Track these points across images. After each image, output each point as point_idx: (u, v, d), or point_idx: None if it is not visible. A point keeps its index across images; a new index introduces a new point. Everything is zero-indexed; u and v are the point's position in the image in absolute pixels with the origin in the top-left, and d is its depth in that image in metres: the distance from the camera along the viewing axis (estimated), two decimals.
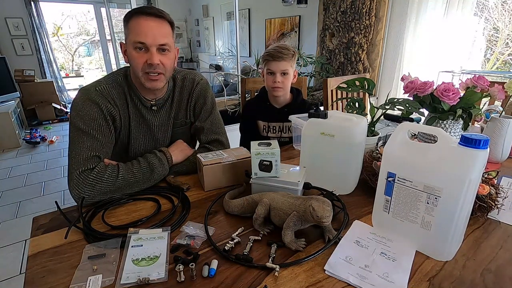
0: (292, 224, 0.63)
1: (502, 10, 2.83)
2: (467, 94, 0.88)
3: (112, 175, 0.82)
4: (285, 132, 1.40)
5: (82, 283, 0.54)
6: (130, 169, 0.85)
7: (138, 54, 0.87)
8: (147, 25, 0.85)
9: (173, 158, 0.95)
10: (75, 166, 0.81)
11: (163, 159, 0.92)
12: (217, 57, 6.01)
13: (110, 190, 0.81)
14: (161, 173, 0.90)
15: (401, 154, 0.61)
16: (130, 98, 0.96)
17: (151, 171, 0.88)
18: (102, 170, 0.82)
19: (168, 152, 0.95)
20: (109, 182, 0.81)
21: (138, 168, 0.86)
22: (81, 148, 0.84)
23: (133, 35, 0.85)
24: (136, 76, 0.91)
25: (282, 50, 1.25)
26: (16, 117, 3.74)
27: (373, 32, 3.00)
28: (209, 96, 1.09)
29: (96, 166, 0.82)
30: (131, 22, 0.86)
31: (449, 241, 0.58)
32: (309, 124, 0.83)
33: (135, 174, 0.85)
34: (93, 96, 0.88)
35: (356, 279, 0.54)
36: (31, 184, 2.64)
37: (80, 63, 7.88)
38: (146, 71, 0.88)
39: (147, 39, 0.85)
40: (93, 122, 0.87)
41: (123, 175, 0.83)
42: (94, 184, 0.79)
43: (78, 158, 0.82)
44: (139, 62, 0.87)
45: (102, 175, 0.81)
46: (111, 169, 0.83)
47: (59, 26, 7.23)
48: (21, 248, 1.81)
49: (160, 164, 0.90)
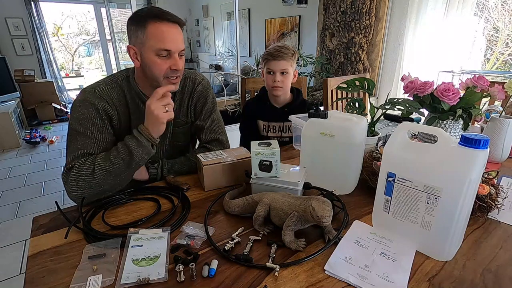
0: (292, 224, 0.63)
1: (502, 10, 2.83)
2: (467, 94, 0.88)
3: (90, 168, 0.81)
4: (285, 132, 1.40)
5: (82, 283, 0.54)
6: (107, 157, 0.82)
7: (162, 61, 0.86)
8: (171, 32, 0.85)
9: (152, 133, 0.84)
10: (66, 165, 0.83)
11: (141, 137, 0.83)
12: (217, 57, 6.01)
13: (93, 184, 0.80)
14: (142, 154, 0.83)
15: (401, 154, 0.61)
16: (131, 98, 0.96)
17: (129, 153, 0.81)
18: (81, 165, 0.81)
19: (144, 129, 0.83)
20: (88, 175, 0.80)
21: (116, 154, 0.82)
22: (72, 148, 0.85)
23: (156, 42, 0.84)
24: (153, 79, 0.90)
25: (282, 50, 1.25)
26: (16, 117, 3.74)
27: (373, 32, 3.00)
28: (210, 96, 1.09)
29: (76, 162, 0.82)
30: (151, 28, 0.84)
31: (449, 241, 0.58)
32: (309, 124, 0.83)
33: (112, 161, 0.81)
34: (90, 97, 0.89)
35: (356, 279, 0.54)
36: (31, 184, 2.64)
37: (80, 63, 7.88)
38: (168, 76, 0.89)
39: (172, 46, 0.86)
40: (87, 122, 0.87)
41: (99, 165, 0.81)
42: (76, 180, 0.80)
43: (68, 158, 0.84)
44: (162, 68, 0.87)
45: (81, 170, 0.80)
46: (90, 161, 0.82)
47: (59, 26, 7.23)
48: (21, 248, 1.81)
49: (138, 144, 0.82)
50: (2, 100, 3.72)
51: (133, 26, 0.86)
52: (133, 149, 0.82)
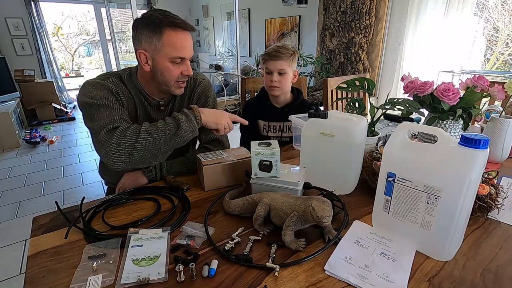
0: (292, 224, 0.63)
1: (502, 10, 2.83)
2: (467, 94, 0.88)
3: (135, 131, 0.82)
4: (285, 132, 1.40)
5: (82, 283, 0.54)
6: (155, 125, 0.84)
7: (174, 67, 0.90)
8: (185, 40, 0.88)
9: (202, 118, 0.90)
10: (100, 129, 0.82)
11: (191, 115, 0.87)
12: (217, 57, 6.01)
13: (136, 148, 0.80)
14: (188, 130, 0.86)
15: (401, 154, 0.61)
16: (136, 95, 0.97)
17: (177, 126, 0.84)
18: (126, 127, 0.82)
19: (197, 109, 0.90)
20: (132, 137, 0.80)
21: (163, 124, 0.84)
22: (101, 117, 0.84)
23: (172, 50, 0.86)
24: (162, 84, 0.92)
25: (280, 50, 1.25)
26: (16, 117, 3.74)
27: (373, 32, 3.00)
28: (211, 96, 1.09)
29: (121, 125, 0.83)
30: (167, 36, 0.85)
31: (449, 241, 0.58)
32: (309, 124, 0.83)
33: (159, 129, 0.83)
34: (102, 82, 0.90)
35: (356, 279, 0.54)
36: (31, 184, 2.64)
37: (80, 63, 7.89)
38: (179, 80, 0.93)
39: (186, 54, 0.90)
40: (106, 99, 0.87)
41: (146, 129, 0.82)
42: (119, 140, 0.80)
43: (101, 123, 0.83)
44: (175, 74, 0.91)
45: (125, 131, 0.81)
46: (135, 126, 0.83)
47: (59, 26, 7.23)
48: (21, 248, 1.81)
49: (187, 120, 0.86)
50: (2, 100, 3.72)
51: (147, 31, 0.85)
52: (182, 122, 0.85)
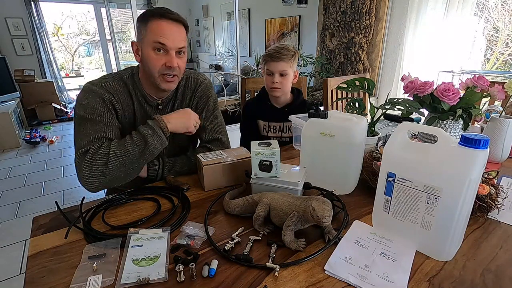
0: (292, 224, 0.63)
1: (502, 10, 2.83)
2: (467, 94, 0.88)
3: (105, 154, 0.81)
4: (285, 132, 1.40)
5: (82, 283, 0.54)
6: (122, 144, 0.83)
7: (157, 56, 0.88)
8: (169, 28, 0.87)
9: (169, 127, 0.88)
10: (76, 150, 0.83)
11: (157, 128, 0.86)
12: (217, 57, 6.01)
13: (106, 170, 0.80)
14: (156, 144, 0.85)
15: (401, 154, 0.61)
16: (135, 96, 0.96)
17: (145, 142, 0.83)
18: (95, 151, 0.82)
19: (161, 120, 0.88)
20: (102, 161, 0.80)
21: (131, 142, 0.83)
22: (83, 133, 0.85)
23: (153, 36, 0.86)
24: (150, 76, 0.91)
25: (281, 51, 1.25)
26: (16, 117, 3.74)
27: (373, 32, 3.00)
28: (212, 96, 1.09)
29: (91, 147, 0.82)
30: (152, 23, 0.86)
31: (449, 241, 0.58)
32: (309, 124, 0.83)
33: (128, 149, 0.82)
34: (97, 89, 0.90)
35: (356, 279, 0.54)
36: (31, 184, 2.64)
37: (80, 63, 7.88)
38: (163, 73, 0.90)
39: (168, 42, 0.87)
40: (95, 110, 0.87)
41: (115, 152, 0.81)
42: (90, 165, 0.80)
43: (79, 143, 0.84)
44: (156, 64, 0.89)
45: (95, 156, 0.81)
46: (105, 147, 0.82)
47: (59, 26, 7.23)
48: (21, 248, 1.81)
49: (153, 134, 0.85)
50: (2, 100, 3.72)
51: (139, 23, 0.89)
52: (148, 138, 0.84)
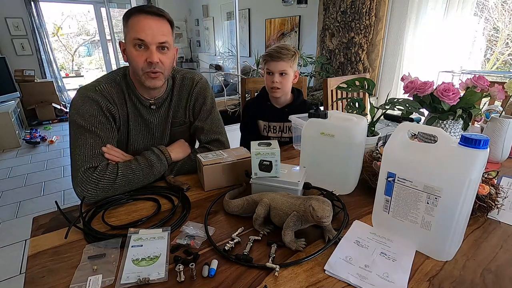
0: (292, 224, 0.63)
1: (502, 10, 2.83)
2: (467, 94, 0.88)
3: (113, 173, 0.83)
4: (285, 132, 1.40)
5: (82, 283, 0.54)
6: (129, 166, 0.86)
7: (138, 52, 0.87)
8: (147, 23, 0.85)
9: (172, 156, 0.95)
10: (79, 163, 0.82)
11: (161, 156, 0.92)
12: (217, 57, 6.01)
13: (111, 188, 0.82)
14: (160, 169, 0.91)
15: (401, 154, 0.61)
16: (129, 97, 0.96)
17: (150, 167, 0.89)
18: (104, 168, 0.82)
19: (166, 150, 0.95)
20: (110, 179, 0.82)
21: (137, 165, 0.87)
22: (84, 146, 0.84)
23: (133, 33, 0.85)
24: (136, 74, 0.91)
25: (281, 51, 1.25)
26: (16, 117, 3.74)
27: (373, 32, 3.00)
28: (209, 96, 1.09)
29: (99, 164, 0.83)
30: (131, 20, 0.86)
31: (449, 241, 0.58)
32: (309, 124, 0.83)
33: (134, 171, 0.86)
34: (92, 95, 0.89)
35: (356, 279, 0.54)
36: (31, 184, 2.64)
37: (80, 63, 7.88)
38: (146, 71, 0.88)
39: (147, 37, 0.85)
40: (94, 119, 0.87)
41: (123, 172, 0.84)
42: (97, 182, 0.80)
43: (82, 156, 0.83)
44: (139, 61, 0.87)
45: (104, 173, 0.81)
46: (112, 167, 0.84)
47: (59, 26, 7.23)
48: (21, 248, 1.81)
49: (158, 161, 0.91)
50: (2, 100, 3.72)
51: (123, 22, 0.89)
52: (154, 164, 0.90)
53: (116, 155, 0.89)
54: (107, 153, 0.87)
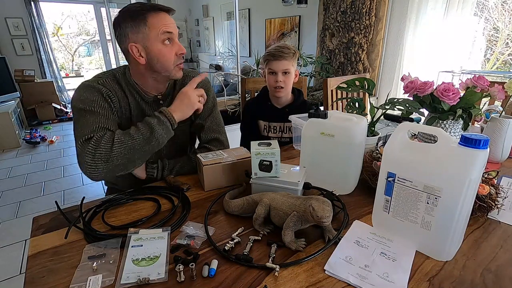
0: (292, 224, 0.63)
1: (502, 10, 2.83)
2: (467, 94, 0.88)
3: (109, 140, 0.81)
4: (285, 132, 1.40)
5: (82, 283, 0.54)
6: (127, 132, 0.84)
7: (168, 48, 0.89)
8: (169, 18, 0.89)
9: (175, 117, 0.88)
10: (78, 137, 0.82)
11: (162, 118, 0.86)
12: (217, 57, 6.01)
13: (109, 157, 0.79)
14: (162, 134, 0.86)
15: (401, 154, 0.61)
16: (130, 93, 0.96)
17: (151, 131, 0.83)
18: (99, 138, 0.81)
19: (167, 111, 0.87)
20: (107, 147, 0.80)
21: (135, 130, 0.84)
22: (84, 123, 0.84)
23: (160, 27, 0.86)
24: (162, 71, 0.90)
25: (283, 50, 1.25)
26: (16, 117, 3.74)
27: (373, 32, 3.00)
28: (210, 95, 1.09)
29: (95, 135, 0.82)
30: (151, 19, 0.86)
31: (449, 241, 0.58)
32: (309, 124, 0.83)
33: (133, 136, 0.82)
34: (94, 84, 0.90)
35: (356, 279, 0.54)
36: (31, 184, 2.64)
37: (80, 63, 7.88)
38: (177, 63, 0.92)
39: (174, 30, 0.90)
40: (95, 103, 0.87)
41: (119, 139, 0.81)
42: (94, 152, 0.79)
43: (81, 131, 0.83)
44: (170, 56, 0.90)
45: (99, 142, 0.80)
46: (109, 135, 0.82)
47: (59, 26, 7.23)
48: (21, 248, 1.81)
49: (159, 123, 0.85)
50: (2, 100, 3.72)
51: (131, 23, 0.85)
52: (154, 126, 0.84)
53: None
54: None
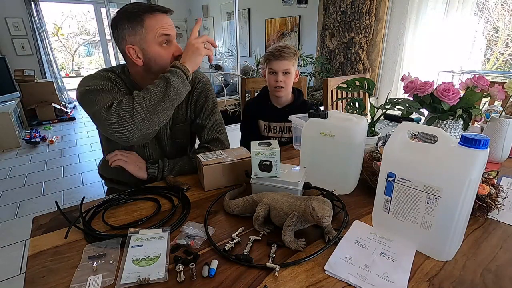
0: (292, 224, 0.63)
1: (502, 10, 2.83)
2: (467, 94, 0.88)
3: (130, 99, 0.81)
4: (286, 132, 1.40)
5: (82, 283, 0.54)
6: (145, 88, 0.84)
7: (165, 50, 0.89)
8: (166, 19, 0.88)
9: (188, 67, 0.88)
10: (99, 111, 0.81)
11: (175, 69, 0.86)
12: (217, 57, 6.01)
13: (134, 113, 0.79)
14: (178, 82, 0.85)
15: (401, 154, 0.61)
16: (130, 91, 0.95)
17: (166, 81, 0.83)
18: (120, 101, 0.81)
19: (180, 64, 0.87)
20: (129, 104, 0.80)
21: (151, 86, 0.83)
22: (100, 99, 0.83)
23: (157, 29, 0.86)
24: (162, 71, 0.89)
25: (283, 49, 1.25)
26: (16, 117, 3.74)
27: (373, 32, 3.00)
28: (211, 95, 1.09)
29: (114, 101, 0.82)
30: (149, 20, 0.85)
31: (449, 241, 0.58)
32: (309, 124, 0.83)
33: (151, 90, 0.82)
34: (99, 74, 0.91)
35: (356, 279, 0.54)
36: (31, 184, 2.64)
37: (80, 63, 7.89)
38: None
39: (172, 31, 0.89)
40: (105, 86, 0.88)
41: (139, 94, 0.81)
42: (117, 112, 0.79)
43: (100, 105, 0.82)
44: (167, 58, 0.90)
45: (120, 103, 0.80)
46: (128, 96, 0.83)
47: (59, 26, 7.24)
48: (21, 248, 1.81)
49: (173, 74, 0.84)
50: (2, 100, 3.72)
51: (128, 25, 0.85)
52: (169, 77, 0.84)
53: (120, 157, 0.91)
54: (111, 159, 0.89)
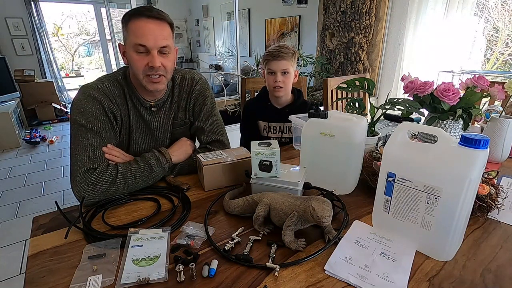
0: (292, 224, 0.63)
1: (502, 10, 2.83)
2: (467, 94, 0.88)
3: (112, 175, 0.82)
4: (285, 132, 1.40)
5: (82, 283, 0.54)
6: (129, 168, 0.85)
7: (139, 57, 0.86)
8: (148, 27, 0.84)
9: (173, 159, 0.94)
10: (80, 163, 0.81)
11: (161, 159, 0.91)
12: (217, 57, 6.01)
13: (110, 190, 0.81)
14: (159, 172, 0.90)
15: (401, 154, 0.61)
16: (130, 98, 0.96)
17: (150, 170, 0.88)
18: (103, 170, 0.82)
19: (167, 153, 0.94)
20: (109, 182, 0.81)
21: (137, 167, 0.86)
22: (86, 146, 0.84)
23: (134, 37, 0.84)
24: (136, 78, 0.91)
25: (282, 50, 1.25)
26: (16, 117, 3.74)
27: (373, 32, 3.00)
28: (209, 96, 1.08)
29: (99, 166, 0.83)
30: (131, 24, 0.85)
31: (449, 241, 0.58)
32: (309, 124, 0.83)
33: (134, 174, 0.85)
34: (95, 94, 0.89)
35: (356, 279, 0.54)
36: (31, 184, 2.64)
37: (80, 63, 7.89)
38: (147, 74, 0.88)
39: (148, 42, 0.84)
40: (96, 119, 0.87)
41: (122, 175, 0.83)
42: (96, 183, 0.80)
43: (83, 156, 0.82)
44: (140, 65, 0.87)
45: (103, 175, 0.81)
46: (112, 168, 0.83)
47: (59, 26, 7.24)
48: (21, 248, 1.81)
49: (158, 164, 0.89)
50: (2, 100, 3.72)
51: (122, 24, 0.88)
52: (154, 167, 0.88)
53: (116, 155, 0.89)
54: (108, 153, 0.87)
